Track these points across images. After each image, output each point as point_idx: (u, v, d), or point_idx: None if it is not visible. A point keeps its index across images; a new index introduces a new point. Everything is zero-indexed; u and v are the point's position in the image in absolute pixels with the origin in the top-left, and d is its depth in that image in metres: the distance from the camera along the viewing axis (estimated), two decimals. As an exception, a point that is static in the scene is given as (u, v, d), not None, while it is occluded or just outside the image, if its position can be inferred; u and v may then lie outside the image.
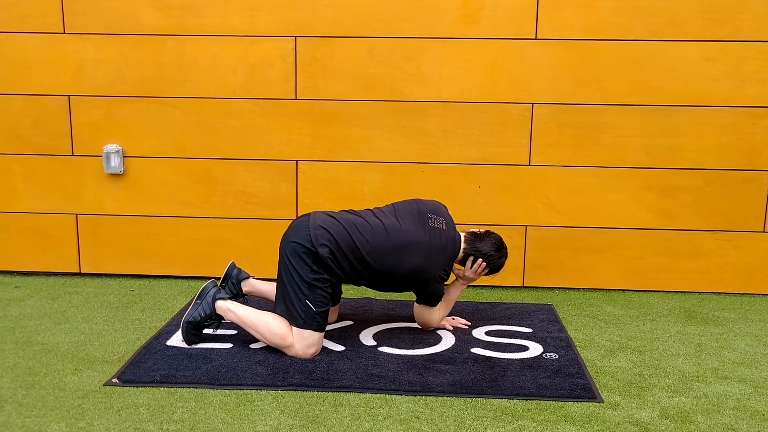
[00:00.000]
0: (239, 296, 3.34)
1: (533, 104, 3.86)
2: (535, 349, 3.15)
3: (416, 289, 3.15)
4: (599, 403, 2.66)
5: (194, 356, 3.00)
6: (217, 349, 3.08)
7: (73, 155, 4.04)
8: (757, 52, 3.74)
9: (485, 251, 3.20)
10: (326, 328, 3.11)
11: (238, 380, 2.78)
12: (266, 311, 3.08)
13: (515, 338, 3.28)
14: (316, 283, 2.94)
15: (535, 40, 3.80)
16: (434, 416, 2.53)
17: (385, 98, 3.90)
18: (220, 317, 3.11)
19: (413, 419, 2.51)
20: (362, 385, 2.75)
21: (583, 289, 4.06)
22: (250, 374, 2.83)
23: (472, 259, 3.20)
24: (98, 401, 2.61)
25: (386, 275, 3.03)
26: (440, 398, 2.66)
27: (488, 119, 3.89)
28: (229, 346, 3.12)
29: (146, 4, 3.86)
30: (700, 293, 4.01)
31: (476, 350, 3.12)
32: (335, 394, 2.69)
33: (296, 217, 3.77)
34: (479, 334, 3.33)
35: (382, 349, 3.12)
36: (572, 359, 3.04)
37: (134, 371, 2.85)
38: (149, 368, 2.87)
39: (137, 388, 2.72)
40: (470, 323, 3.45)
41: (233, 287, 3.34)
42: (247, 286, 3.36)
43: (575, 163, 3.91)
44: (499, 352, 3.11)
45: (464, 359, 3.01)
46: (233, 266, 3.38)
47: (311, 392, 2.70)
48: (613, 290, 4.04)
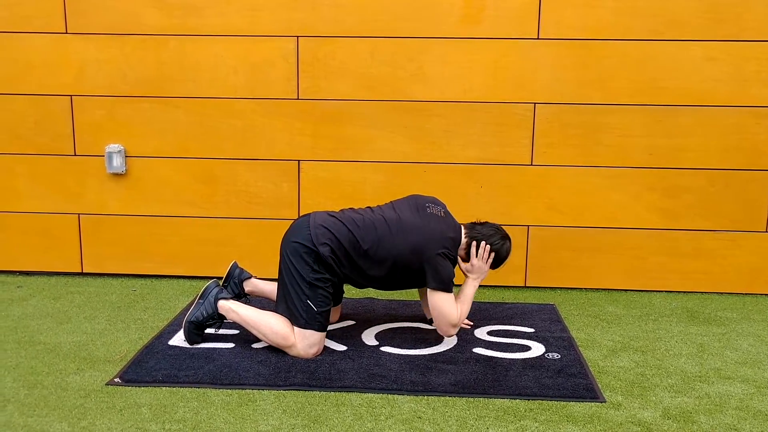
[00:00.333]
0: (241, 296, 3.34)
1: (535, 104, 3.86)
2: (537, 349, 3.15)
3: (422, 271, 3.01)
4: (601, 403, 2.66)
5: (196, 356, 3.00)
6: (219, 348, 3.08)
7: (75, 155, 4.05)
8: (760, 52, 3.73)
9: (487, 233, 3.16)
10: (328, 327, 3.11)
11: (240, 380, 2.78)
12: (268, 311, 3.08)
13: (517, 338, 3.27)
14: (317, 282, 2.94)
15: (537, 39, 3.80)
16: (436, 416, 2.53)
17: (387, 98, 3.90)
18: (222, 317, 3.11)
19: (415, 419, 2.51)
20: (364, 384, 2.75)
21: (585, 289, 4.06)
22: (252, 374, 2.83)
23: (475, 244, 3.14)
24: (100, 401, 2.61)
25: (389, 265, 3.00)
26: (442, 398, 2.66)
27: (490, 119, 3.89)
28: (231, 345, 3.12)
29: (148, 4, 3.86)
30: (702, 293, 4.01)
31: (478, 350, 3.12)
32: (337, 393, 2.69)
33: (298, 217, 3.77)
34: (481, 333, 3.33)
35: (384, 348, 3.12)
36: (574, 359, 3.03)
37: (136, 371, 2.85)
38: (151, 368, 2.87)
39: (139, 387, 2.72)
40: (472, 323, 3.44)
41: (235, 287, 3.34)
42: (249, 286, 3.36)
43: (577, 163, 3.91)
44: (501, 352, 3.10)
45: (466, 359, 3.01)
46: (235, 266, 3.39)
47: (313, 392, 2.70)
48: (615, 290, 4.04)
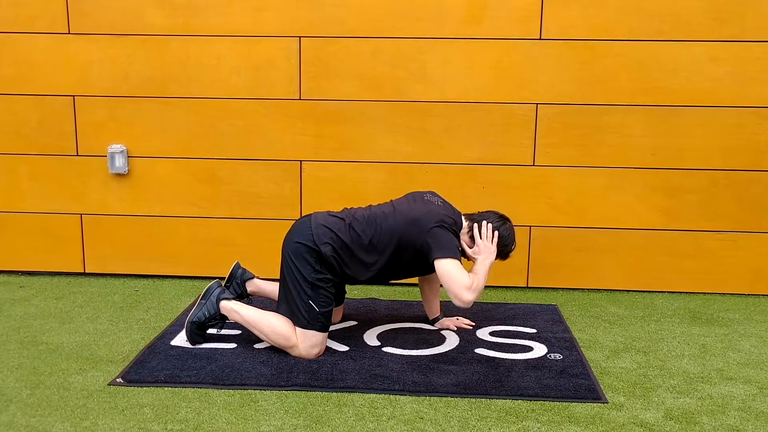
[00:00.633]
0: (244, 296, 3.35)
1: (537, 104, 3.86)
2: (539, 349, 3.15)
3: (425, 247, 2.93)
4: (603, 403, 2.65)
5: (198, 356, 3.00)
6: (221, 349, 3.08)
7: (77, 155, 4.05)
8: (762, 52, 3.73)
9: (486, 216, 3.13)
10: (330, 328, 3.11)
11: (242, 380, 2.78)
12: (270, 311, 3.08)
13: (519, 339, 3.27)
14: (319, 283, 2.94)
15: (539, 40, 3.80)
16: (438, 417, 2.53)
17: (389, 98, 3.90)
18: (224, 317, 3.12)
19: (417, 419, 2.51)
20: (366, 385, 2.75)
21: (587, 289, 4.06)
22: (254, 374, 2.83)
23: (477, 226, 3.08)
24: (103, 401, 2.62)
25: (392, 249, 2.97)
26: (444, 399, 2.66)
27: (492, 119, 3.89)
28: (233, 346, 3.12)
29: (150, 4, 3.87)
30: (705, 294, 4.00)
31: (480, 351, 3.12)
32: (339, 394, 2.69)
33: (300, 217, 3.77)
34: (483, 334, 3.32)
35: (386, 349, 3.12)
36: (576, 360, 3.03)
37: (138, 371, 2.85)
38: (153, 368, 2.88)
39: (141, 387, 2.72)
40: (474, 323, 3.44)
41: (238, 287, 3.34)
42: (251, 286, 3.36)
43: (579, 163, 3.91)
44: (503, 352, 3.10)
45: (468, 360, 3.01)
46: (237, 266, 3.39)
47: (315, 392, 2.70)
48: (617, 291, 4.03)
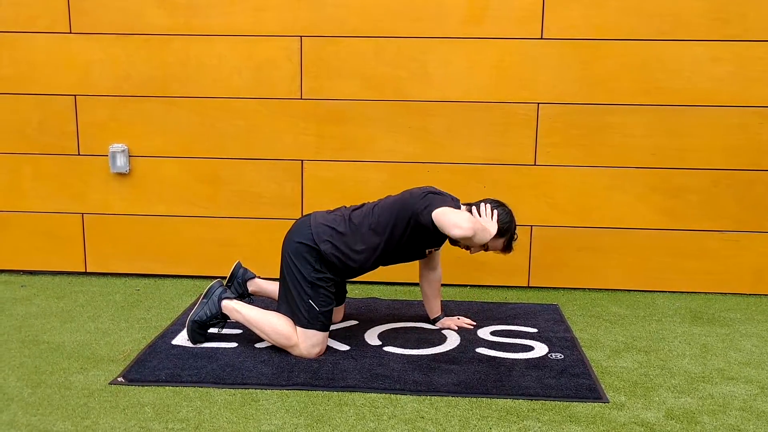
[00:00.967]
0: (245, 296, 3.35)
1: (539, 104, 3.86)
2: (540, 349, 3.14)
3: (420, 209, 2.92)
4: (604, 403, 2.65)
5: (199, 355, 3.00)
6: (222, 348, 3.09)
7: (79, 155, 4.05)
8: (764, 52, 3.72)
9: (487, 201, 3.10)
10: (331, 327, 3.12)
11: (243, 380, 2.78)
12: (271, 311, 3.08)
13: (520, 338, 3.27)
14: (319, 282, 2.94)
15: (540, 39, 3.79)
16: (439, 416, 2.53)
17: (390, 98, 3.90)
18: (225, 317, 3.12)
19: (418, 419, 2.51)
20: (367, 384, 2.75)
21: (588, 289, 4.05)
22: (255, 374, 2.83)
23: (475, 207, 3.07)
24: (104, 400, 2.62)
25: (391, 228, 2.96)
26: (445, 398, 2.66)
27: (493, 119, 3.89)
28: (234, 345, 3.12)
29: (152, 4, 3.87)
30: (706, 294, 4.00)
31: (481, 350, 3.12)
32: (340, 393, 2.69)
33: (301, 216, 3.77)
34: (484, 334, 3.32)
35: (387, 348, 3.12)
36: (577, 359, 3.03)
37: (139, 370, 2.85)
38: (154, 367, 2.88)
39: (142, 387, 2.73)
40: (475, 323, 3.44)
41: (239, 287, 3.35)
42: (252, 285, 3.36)
43: (581, 163, 3.90)
44: (504, 352, 3.10)
45: (469, 359, 3.01)
46: (239, 266, 3.39)
47: (316, 392, 2.70)
48: (618, 290, 4.03)
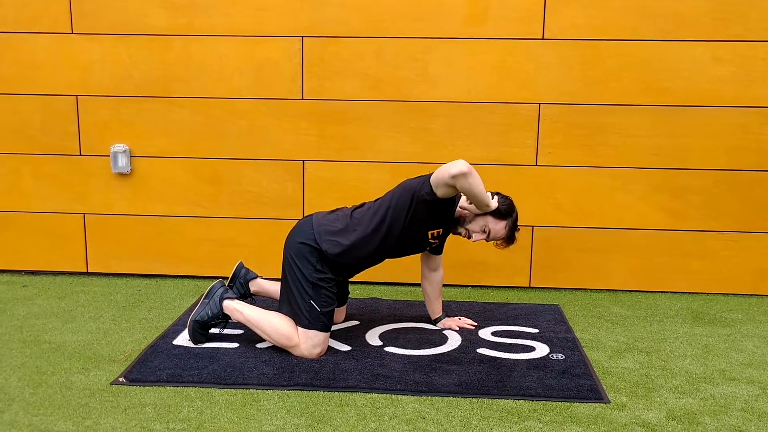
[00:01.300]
0: (247, 296, 3.35)
1: (540, 104, 3.85)
2: (541, 349, 3.14)
3: (419, 185, 2.95)
4: (606, 404, 2.65)
5: (201, 356, 3.00)
6: (223, 348, 3.09)
7: (80, 155, 4.06)
8: (766, 52, 3.72)
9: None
10: (332, 327, 3.12)
11: (244, 380, 2.78)
12: (273, 311, 3.08)
13: (522, 339, 3.27)
14: (320, 283, 2.94)
15: (542, 40, 3.79)
16: (440, 416, 2.53)
17: (391, 98, 3.90)
18: (227, 317, 3.12)
19: (419, 419, 2.51)
20: (368, 385, 2.75)
21: (590, 289, 4.05)
22: (256, 374, 2.83)
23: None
24: (105, 400, 2.62)
25: (392, 212, 2.97)
26: (446, 398, 2.66)
27: (495, 119, 3.88)
28: (235, 345, 3.12)
29: (153, 4, 3.87)
30: (708, 294, 3.99)
31: (482, 350, 3.11)
32: (341, 394, 2.69)
33: (303, 216, 3.77)
34: (485, 334, 3.32)
35: (388, 349, 3.12)
36: (579, 360, 3.03)
37: (141, 370, 2.86)
38: (156, 367, 2.88)
39: (144, 387, 2.73)
40: (476, 323, 3.44)
41: (241, 287, 3.35)
42: (254, 286, 3.37)
43: (582, 163, 3.90)
44: (505, 352, 3.10)
45: (470, 359, 3.01)
46: (241, 266, 3.39)
47: (317, 392, 2.70)
48: (620, 291, 4.03)
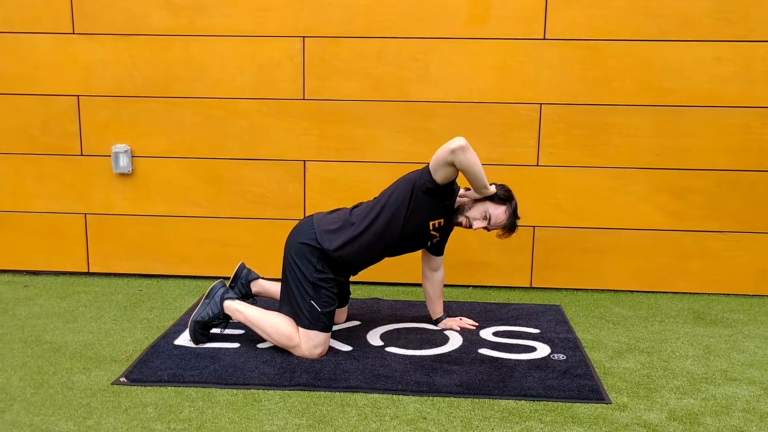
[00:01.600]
0: (248, 296, 3.35)
1: (541, 104, 3.85)
2: (542, 350, 3.14)
3: (418, 174, 3.02)
4: (607, 404, 2.65)
5: (202, 356, 3.01)
6: (224, 348, 3.09)
7: (82, 155, 4.06)
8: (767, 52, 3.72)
9: None
10: (334, 328, 3.11)
11: (245, 380, 2.78)
12: (274, 311, 3.08)
13: (523, 339, 3.27)
14: (320, 283, 2.95)
15: (543, 40, 3.79)
16: (441, 417, 2.53)
17: (392, 98, 3.90)
18: (227, 317, 3.12)
19: (420, 420, 2.50)
20: (369, 385, 2.75)
21: (591, 289, 4.05)
22: (257, 374, 2.83)
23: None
24: (106, 400, 2.62)
25: (392, 212, 2.99)
26: (447, 399, 2.66)
27: (496, 120, 3.88)
28: (236, 345, 3.12)
29: (155, 4, 3.87)
30: (709, 294, 3.99)
31: (483, 351, 3.11)
32: (342, 394, 2.69)
33: (304, 217, 3.77)
34: (487, 334, 3.32)
35: (389, 349, 3.12)
36: (580, 360, 3.03)
37: (142, 370, 2.86)
38: (157, 367, 2.88)
39: (145, 387, 2.73)
40: (478, 324, 3.44)
41: (242, 287, 3.35)
42: (256, 286, 3.37)
43: (584, 163, 3.90)
44: (506, 352, 3.10)
45: (471, 360, 3.01)
46: (243, 267, 3.40)
47: (318, 392, 2.70)
48: (621, 291, 4.03)
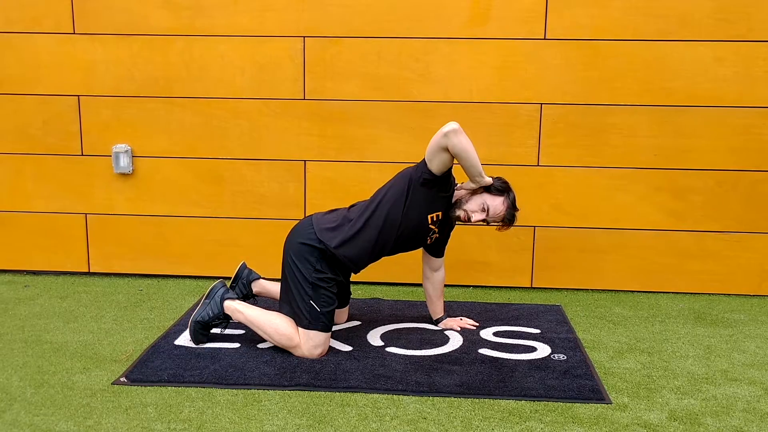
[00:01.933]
0: (249, 297, 3.35)
1: (542, 104, 3.85)
2: (543, 350, 3.14)
3: (415, 168, 3.12)
4: (607, 404, 2.64)
5: (202, 356, 3.01)
6: (224, 348, 3.09)
7: (82, 155, 4.06)
8: (768, 52, 3.72)
9: None
10: (334, 328, 3.11)
11: (245, 380, 2.78)
12: (274, 311, 3.08)
13: (523, 339, 3.27)
14: (319, 283, 2.94)
15: (544, 40, 3.79)
16: (441, 417, 2.52)
17: (393, 98, 3.90)
18: (228, 317, 3.12)
19: (420, 420, 2.50)
20: (369, 385, 2.75)
21: (591, 290, 4.05)
22: (257, 374, 2.83)
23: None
24: (106, 400, 2.62)
25: (390, 207, 3.02)
26: (447, 399, 2.66)
27: (497, 120, 3.88)
28: (236, 345, 3.12)
29: (155, 4, 3.87)
30: (710, 294, 3.99)
31: (484, 351, 3.11)
32: (342, 394, 2.69)
33: (304, 217, 3.77)
34: (487, 334, 3.32)
35: (389, 349, 3.12)
36: (580, 360, 3.02)
37: (142, 370, 2.86)
38: (157, 367, 2.88)
39: (145, 387, 2.73)
40: (478, 324, 3.44)
41: (243, 288, 3.35)
42: (257, 287, 3.37)
43: (584, 163, 3.90)
44: (507, 353, 3.10)
45: (472, 360, 3.01)
46: (244, 267, 3.40)
47: (318, 392, 2.70)
48: (622, 291, 4.02)
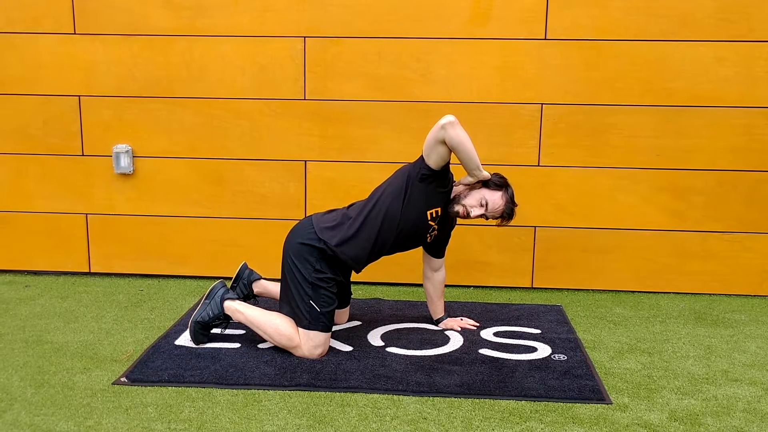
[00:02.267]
0: (250, 297, 3.35)
1: (543, 105, 3.85)
2: (543, 350, 3.14)
3: (413, 164, 3.06)
4: (608, 404, 2.64)
5: (202, 356, 3.01)
6: (225, 348, 3.09)
7: (83, 155, 4.06)
8: (769, 52, 3.72)
9: None
10: (335, 328, 3.11)
11: (245, 380, 2.78)
12: (274, 312, 3.08)
13: (524, 339, 3.26)
14: (319, 283, 2.94)
15: (544, 40, 3.79)
16: (441, 417, 2.52)
17: (393, 99, 3.90)
18: (228, 317, 3.12)
19: (420, 420, 2.50)
20: (370, 385, 2.75)
21: (592, 290, 4.04)
22: (257, 374, 2.83)
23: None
24: (107, 400, 2.62)
25: (389, 203, 3.00)
26: (448, 399, 2.66)
27: (497, 120, 3.88)
28: (236, 345, 3.12)
29: (156, 4, 3.88)
30: (710, 295, 3.98)
31: (484, 351, 3.11)
32: (342, 394, 2.69)
33: (304, 217, 3.77)
34: (487, 335, 3.32)
35: (389, 349, 3.12)
36: (581, 361, 3.02)
37: (142, 370, 2.86)
38: (157, 367, 2.88)
39: (145, 387, 2.73)
40: (479, 324, 3.44)
41: (244, 288, 3.35)
42: (258, 287, 3.37)
43: (585, 163, 3.90)
44: (507, 353, 3.09)
45: (472, 360, 3.01)
46: (245, 267, 3.40)
47: (319, 392, 2.70)
48: (622, 291, 4.02)
